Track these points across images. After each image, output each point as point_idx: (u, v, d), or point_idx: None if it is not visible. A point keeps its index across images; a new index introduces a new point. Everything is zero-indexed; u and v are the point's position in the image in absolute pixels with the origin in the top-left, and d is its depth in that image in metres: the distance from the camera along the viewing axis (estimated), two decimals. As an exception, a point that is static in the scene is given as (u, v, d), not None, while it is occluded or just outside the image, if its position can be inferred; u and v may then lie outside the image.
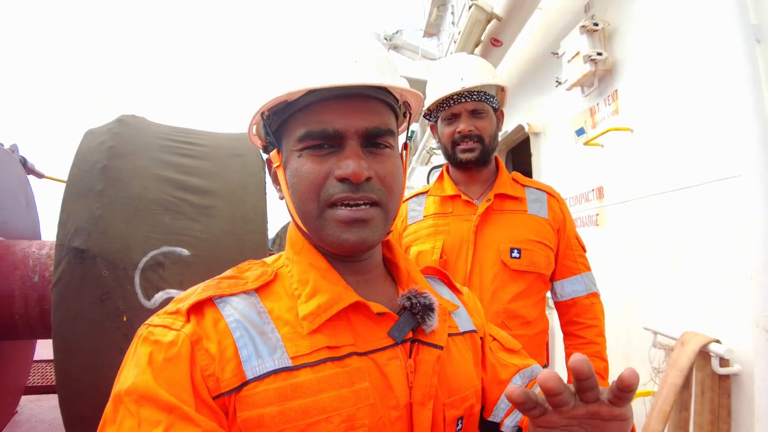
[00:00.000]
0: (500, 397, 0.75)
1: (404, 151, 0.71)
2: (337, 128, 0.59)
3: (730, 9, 1.63)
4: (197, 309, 0.58)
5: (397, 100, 0.68)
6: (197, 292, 0.60)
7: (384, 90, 0.64)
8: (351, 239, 0.60)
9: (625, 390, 0.47)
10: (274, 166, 0.66)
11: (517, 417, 0.73)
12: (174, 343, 0.54)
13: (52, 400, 3.88)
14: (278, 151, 0.65)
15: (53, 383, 3.66)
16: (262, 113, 0.66)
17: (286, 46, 0.65)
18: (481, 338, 0.79)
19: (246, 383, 0.54)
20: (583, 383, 0.48)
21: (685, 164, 1.99)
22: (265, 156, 0.72)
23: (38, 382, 3.72)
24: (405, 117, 0.73)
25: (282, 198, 0.69)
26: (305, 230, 0.65)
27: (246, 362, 0.55)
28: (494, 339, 0.82)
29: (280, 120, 0.64)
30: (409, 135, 0.74)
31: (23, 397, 3.57)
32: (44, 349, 3.70)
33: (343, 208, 0.60)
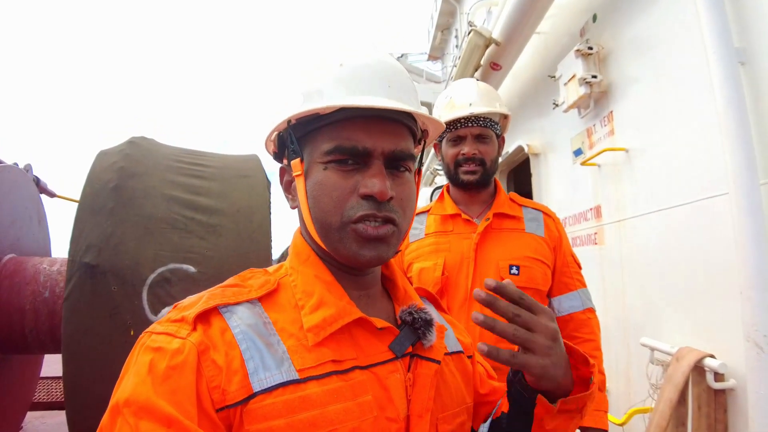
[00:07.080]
0: (486, 416, 0.79)
1: (417, 177, 0.72)
2: (367, 147, 0.62)
3: (715, 33, 1.71)
4: (204, 318, 0.57)
5: (417, 127, 0.71)
6: (203, 300, 0.60)
7: (409, 116, 0.67)
8: (367, 255, 0.62)
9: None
10: (294, 174, 0.66)
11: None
12: (180, 351, 0.53)
13: (56, 417, 3.90)
14: (300, 161, 0.66)
15: (58, 400, 3.69)
16: (289, 120, 0.66)
17: (325, 61, 0.67)
18: (470, 357, 0.82)
19: (253, 396, 0.53)
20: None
21: (677, 182, 2.04)
22: (277, 164, 0.74)
23: (44, 399, 3.75)
24: (420, 143, 0.75)
25: (294, 207, 0.71)
26: (319, 240, 0.65)
27: (253, 374, 0.54)
28: (481, 364, 0.86)
29: (305, 130, 0.65)
30: (422, 162, 0.76)
31: (28, 413, 3.59)
32: (50, 366, 3.75)
33: (367, 224, 0.61)
